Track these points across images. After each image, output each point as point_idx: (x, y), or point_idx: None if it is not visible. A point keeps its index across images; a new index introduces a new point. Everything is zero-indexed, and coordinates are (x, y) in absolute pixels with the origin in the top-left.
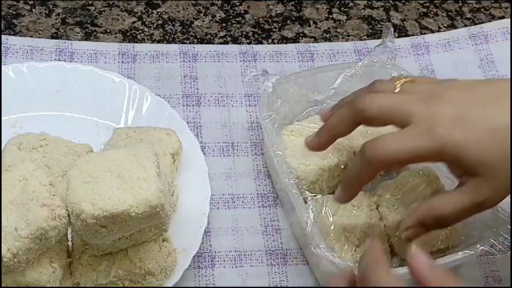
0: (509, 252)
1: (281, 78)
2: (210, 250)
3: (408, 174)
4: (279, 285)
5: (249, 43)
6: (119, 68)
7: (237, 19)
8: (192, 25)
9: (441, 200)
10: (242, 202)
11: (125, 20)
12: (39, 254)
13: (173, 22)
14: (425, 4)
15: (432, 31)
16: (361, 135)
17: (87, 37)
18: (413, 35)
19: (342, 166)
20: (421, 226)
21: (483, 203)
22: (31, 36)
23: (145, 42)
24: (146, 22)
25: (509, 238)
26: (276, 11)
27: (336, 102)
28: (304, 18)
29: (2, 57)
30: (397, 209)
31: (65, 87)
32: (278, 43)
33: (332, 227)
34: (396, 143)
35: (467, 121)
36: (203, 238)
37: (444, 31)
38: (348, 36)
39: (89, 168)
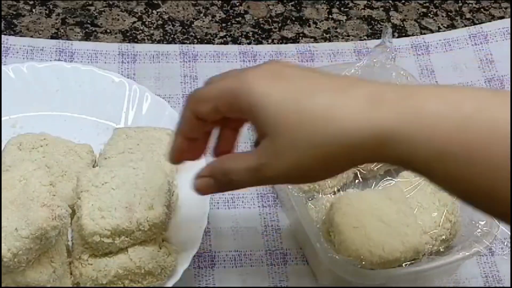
0: (509, 252)
1: None
2: (210, 250)
3: (408, 174)
4: (279, 285)
5: (249, 43)
6: (119, 68)
7: (237, 19)
8: (192, 25)
9: (233, 156)
10: (242, 202)
11: (125, 20)
12: (39, 254)
13: (173, 22)
14: (425, 4)
15: (432, 31)
16: None
17: (87, 37)
18: (413, 35)
19: None
20: (212, 178)
21: (261, 168)
22: (31, 36)
23: (145, 42)
24: (146, 22)
25: (509, 238)
26: (276, 11)
27: None
28: (304, 18)
29: (2, 57)
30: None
31: (65, 87)
32: (278, 43)
33: (332, 227)
34: (209, 86)
35: (281, 75)
36: (203, 238)
37: (444, 31)
38: (348, 36)
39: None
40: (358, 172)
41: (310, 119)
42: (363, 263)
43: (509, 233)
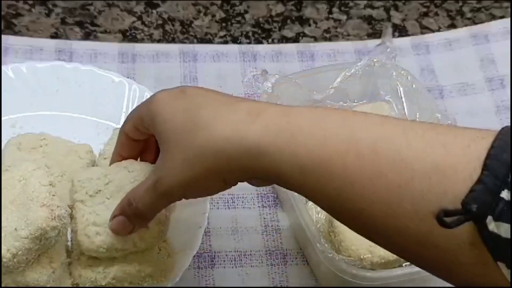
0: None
1: (281, 78)
2: (210, 250)
3: None
4: (279, 285)
5: (249, 43)
6: (119, 68)
7: (237, 19)
8: (192, 25)
9: (139, 186)
10: (242, 202)
11: (124, 20)
12: (38, 254)
13: (173, 22)
14: (425, 4)
15: (433, 31)
16: None
17: (87, 37)
18: (413, 35)
19: None
20: (122, 214)
21: (157, 183)
22: (31, 36)
23: (145, 42)
24: (146, 22)
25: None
26: (276, 11)
27: (335, 102)
28: (304, 18)
29: (1, 57)
30: None
31: (65, 87)
32: (278, 43)
33: (332, 227)
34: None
35: (183, 93)
36: (203, 238)
37: (444, 31)
38: (348, 36)
39: None
40: None
41: (194, 129)
42: (364, 263)
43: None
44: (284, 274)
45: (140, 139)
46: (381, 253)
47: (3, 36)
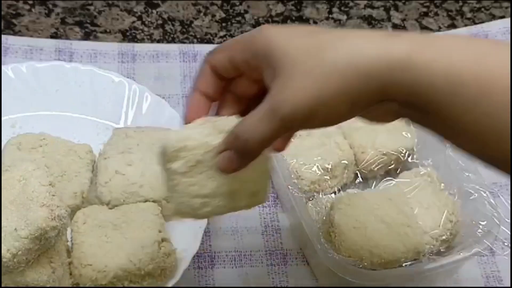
0: (510, 252)
1: None
2: (210, 250)
3: (408, 174)
4: (279, 285)
5: None
6: (119, 68)
7: (237, 19)
8: (192, 25)
9: (247, 117)
10: None
11: (124, 20)
12: (38, 254)
13: (173, 22)
14: (425, 4)
15: (433, 31)
16: (361, 135)
17: (86, 37)
18: None
19: (342, 166)
20: (228, 149)
21: (279, 107)
22: (31, 36)
23: (145, 42)
24: (146, 22)
25: (509, 238)
26: (276, 11)
27: None
28: (304, 18)
29: (1, 57)
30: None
31: (65, 87)
32: None
33: (332, 227)
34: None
35: (294, 29)
36: (203, 238)
37: (444, 30)
38: None
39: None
40: (358, 172)
41: (321, 49)
42: (364, 263)
43: (510, 233)
44: (284, 274)
45: (225, 76)
46: (381, 253)
47: (3, 36)
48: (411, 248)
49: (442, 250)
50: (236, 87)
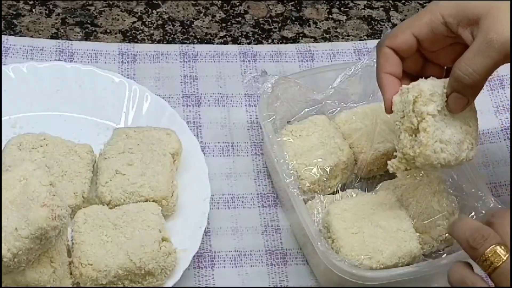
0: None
1: (280, 78)
2: (210, 250)
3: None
4: (279, 285)
5: (249, 43)
6: (119, 68)
7: (237, 19)
8: (192, 25)
9: (459, 59)
10: (242, 202)
11: (125, 20)
12: (39, 254)
13: (173, 22)
14: (424, 4)
15: None
16: (361, 136)
17: (87, 37)
18: None
19: (342, 166)
20: (453, 91)
21: (491, 42)
22: (31, 36)
23: (145, 42)
24: (146, 22)
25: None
26: (276, 11)
27: (335, 101)
28: (304, 18)
29: (2, 57)
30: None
31: (65, 87)
32: (278, 43)
33: (330, 233)
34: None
35: None
36: (203, 238)
37: None
38: (348, 36)
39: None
40: (357, 173)
41: None
42: (363, 268)
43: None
44: (284, 274)
45: (403, 56)
46: (380, 258)
47: (3, 37)
48: (407, 253)
49: (441, 250)
50: (406, 66)
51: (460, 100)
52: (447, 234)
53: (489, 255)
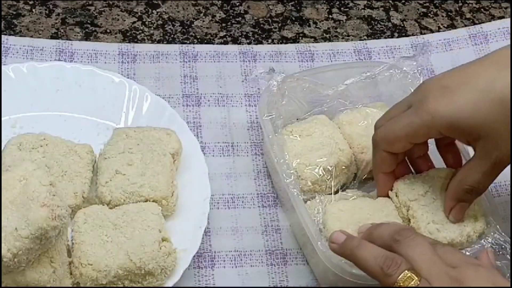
0: (509, 251)
1: (287, 76)
2: (210, 250)
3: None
4: (279, 285)
5: (249, 43)
6: (119, 68)
7: (237, 19)
8: (192, 25)
9: (464, 173)
10: (242, 202)
11: (125, 20)
12: (39, 254)
13: (173, 22)
14: (425, 4)
15: (432, 31)
16: (361, 136)
17: (87, 37)
18: (413, 35)
19: (342, 166)
20: (459, 202)
21: (495, 163)
22: (31, 36)
23: (145, 42)
24: (146, 22)
25: (509, 238)
26: (276, 11)
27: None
28: (304, 18)
29: (2, 57)
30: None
31: (65, 87)
32: (278, 43)
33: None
34: (393, 124)
35: (452, 89)
36: (203, 238)
37: (444, 31)
38: (348, 36)
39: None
40: (357, 173)
41: (504, 102)
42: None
43: (509, 233)
44: (284, 274)
45: (402, 151)
46: None
47: (3, 37)
48: None
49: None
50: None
51: (465, 209)
52: (454, 238)
53: (404, 279)
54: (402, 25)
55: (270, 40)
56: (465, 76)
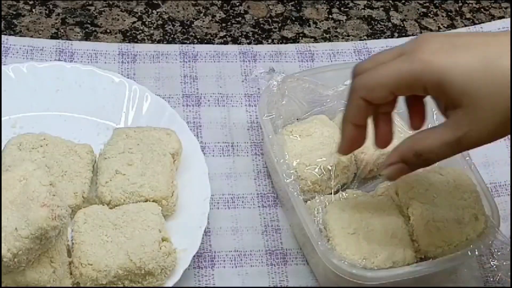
0: (509, 252)
1: (287, 76)
2: (210, 250)
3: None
4: (279, 285)
5: (249, 43)
6: (119, 68)
7: (237, 19)
8: (192, 25)
9: (423, 135)
10: (242, 202)
11: (125, 20)
12: (39, 254)
13: (173, 22)
14: (425, 4)
15: (432, 31)
16: None
17: (87, 37)
18: (413, 35)
19: (342, 166)
20: (403, 162)
21: (463, 138)
22: (31, 36)
23: (145, 42)
24: (146, 22)
25: (509, 238)
26: (276, 11)
27: (337, 101)
28: (304, 18)
29: (2, 57)
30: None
31: (65, 87)
32: (278, 43)
33: (327, 231)
34: (378, 69)
35: (457, 46)
36: (203, 238)
37: (444, 31)
38: (348, 36)
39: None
40: (357, 173)
41: (500, 78)
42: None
43: (509, 233)
44: (284, 274)
45: (383, 103)
46: (374, 260)
47: (3, 37)
48: (401, 260)
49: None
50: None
51: (403, 172)
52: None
53: None
54: (402, 25)
55: (270, 40)
56: (475, 40)
